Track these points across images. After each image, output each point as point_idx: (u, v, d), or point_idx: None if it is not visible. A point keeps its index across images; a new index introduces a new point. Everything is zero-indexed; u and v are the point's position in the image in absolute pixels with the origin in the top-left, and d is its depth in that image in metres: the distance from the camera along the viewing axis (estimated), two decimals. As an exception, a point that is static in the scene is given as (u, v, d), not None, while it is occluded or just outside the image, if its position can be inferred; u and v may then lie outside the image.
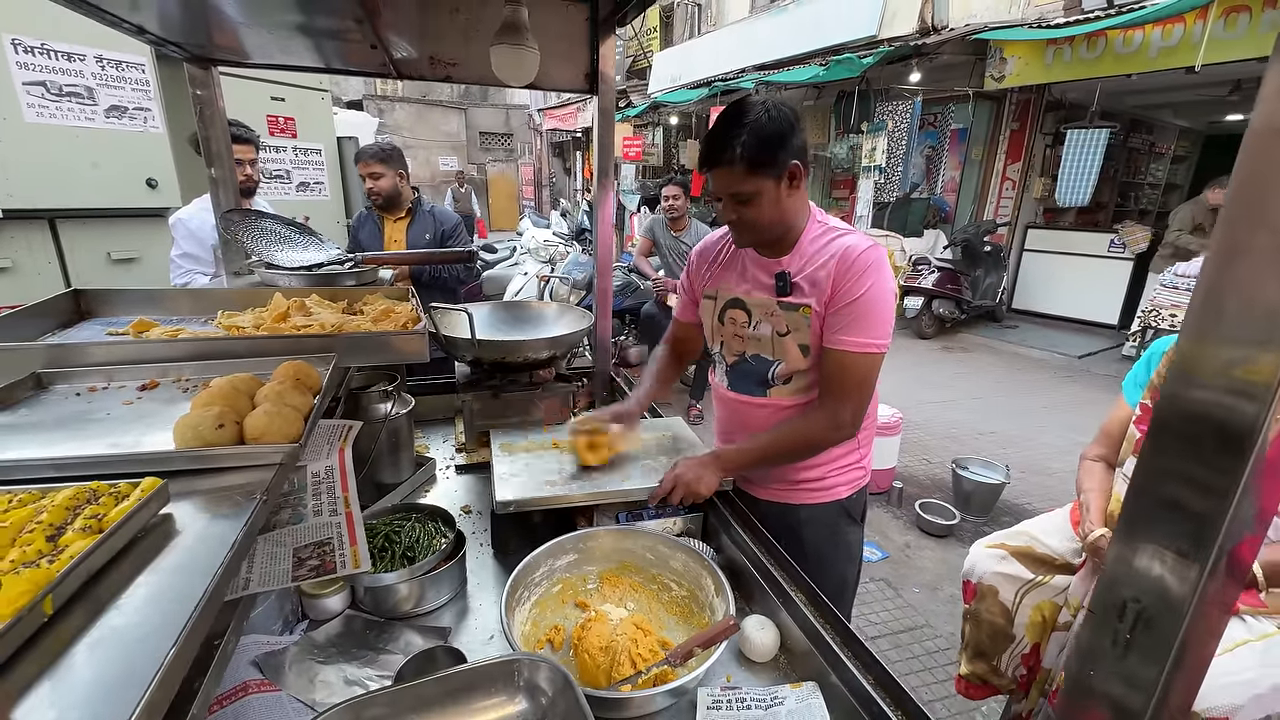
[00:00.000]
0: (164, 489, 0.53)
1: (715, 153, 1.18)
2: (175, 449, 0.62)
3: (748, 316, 1.33)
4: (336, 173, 4.67)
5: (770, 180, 1.17)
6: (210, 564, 0.46)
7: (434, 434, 1.96)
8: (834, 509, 1.42)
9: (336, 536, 0.82)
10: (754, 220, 1.21)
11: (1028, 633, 1.46)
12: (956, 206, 7.89)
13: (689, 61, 9.68)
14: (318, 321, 1.01)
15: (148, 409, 0.76)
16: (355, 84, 16.87)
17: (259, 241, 1.59)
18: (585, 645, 1.02)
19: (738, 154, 1.14)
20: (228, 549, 0.48)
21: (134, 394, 0.80)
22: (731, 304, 1.36)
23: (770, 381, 1.33)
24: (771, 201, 1.19)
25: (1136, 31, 5.30)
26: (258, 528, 0.54)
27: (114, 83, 2.85)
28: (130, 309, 1.21)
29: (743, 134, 1.14)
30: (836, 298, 1.20)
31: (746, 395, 1.38)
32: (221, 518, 0.53)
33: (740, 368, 1.38)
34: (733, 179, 1.17)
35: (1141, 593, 0.46)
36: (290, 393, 0.72)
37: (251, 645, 0.99)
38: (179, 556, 0.48)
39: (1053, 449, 4.14)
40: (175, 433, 0.64)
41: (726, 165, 1.16)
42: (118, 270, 3.12)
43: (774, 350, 1.30)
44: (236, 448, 0.63)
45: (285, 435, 0.66)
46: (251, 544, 0.53)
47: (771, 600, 1.16)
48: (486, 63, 1.74)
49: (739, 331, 1.35)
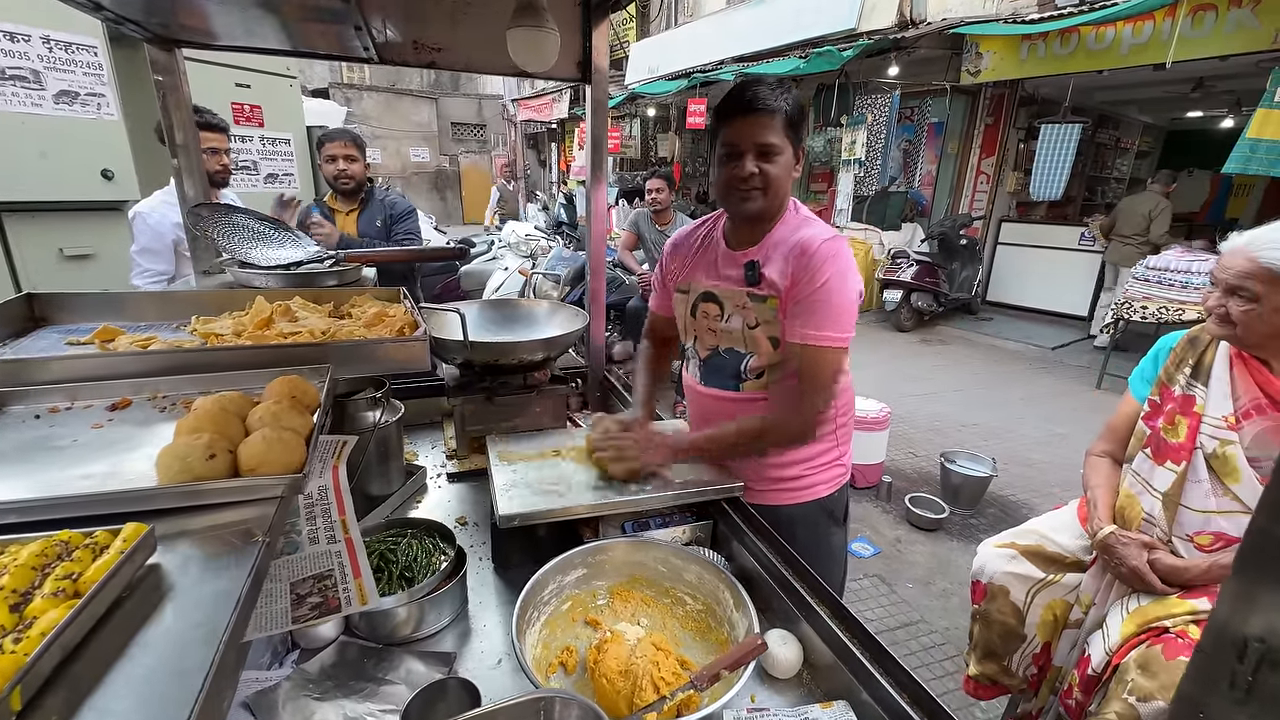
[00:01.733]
0: (150, 536, 0.45)
1: (758, 99, 1.14)
2: (160, 485, 0.54)
3: (720, 309, 1.31)
4: (307, 163, 4.47)
5: (791, 147, 1.18)
6: (212, 628, 0.39)
7: (421, 439, 1.87)
8: (815, 509, 1.41)
9: (338, 568, 0.74)
10: (773, 178, 1.18)
11: (1039, 632, 1.45)
12: (933, 200, 7.99)
13: (666, 53, 9.57)
14: (306, 328, 0.93)
15: (120, 433, 0.67)
16: (321, 71, 16.29)
17: (231, 238, 1.48)
18: (603, 669, 0.96)
19: (780, 106, 1.14)
20: (232, 608, 0.41)
21: (103, 415, 0.70)
22: (704, 297, 1.35)
23: (743, 375, 1.32)
24: (786, 168, 1.19)
25: (1108, 28, 5.41)
26: (264, 576, 0.47)
27: (63, 65, 2.65)
28: (91, 314, 1.10)
29: (785, 93, 1.15)
30: (795, 289, 1.18)
31: (720, 390, 1.37)
32: (219, 567, 0.46)
33: (713, 362, 1.36)
34: (770, 129, 1.14)
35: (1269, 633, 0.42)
36: (287, 413, 0.64)
37: (242, 684, 0.91)
38: (173, 620, 0.41)
39: (1032, 440, 4.22)
40: (159, 465, 0.55)
41: (769, 112, 1.13)
42: (71, 268, 2.93)
43: (746, 343, 1.29)
44: (232, 481, 0.55)
45: (286, 464, 0.58)
46: (257, 597, 0.46)
47: (791, 612, 1.12)
48: (475, 47, 1.66)
49: (712, 325, 1.34)
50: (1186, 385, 1.32)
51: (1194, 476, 1.27)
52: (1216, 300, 1.24)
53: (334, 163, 2.57)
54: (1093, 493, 1.48)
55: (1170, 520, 1.29)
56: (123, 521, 0.47)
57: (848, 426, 1.43)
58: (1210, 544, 1.24)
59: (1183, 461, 1.28)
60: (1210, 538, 1.24)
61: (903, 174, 7.87)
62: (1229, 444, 1.22)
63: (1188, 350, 1.35)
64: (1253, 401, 1.23)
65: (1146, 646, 1.18)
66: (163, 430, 0.63)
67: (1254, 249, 1.18)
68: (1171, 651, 1.13)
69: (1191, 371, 1.32)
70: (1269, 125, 4.53)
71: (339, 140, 2.58)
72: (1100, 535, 1.35)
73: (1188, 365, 1.33)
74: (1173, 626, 1.17)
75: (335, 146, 2.57)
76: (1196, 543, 1.25)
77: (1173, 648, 1.13)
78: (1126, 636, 1.21)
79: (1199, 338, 1.35)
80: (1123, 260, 6.29)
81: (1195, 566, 1.23)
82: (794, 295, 1.18)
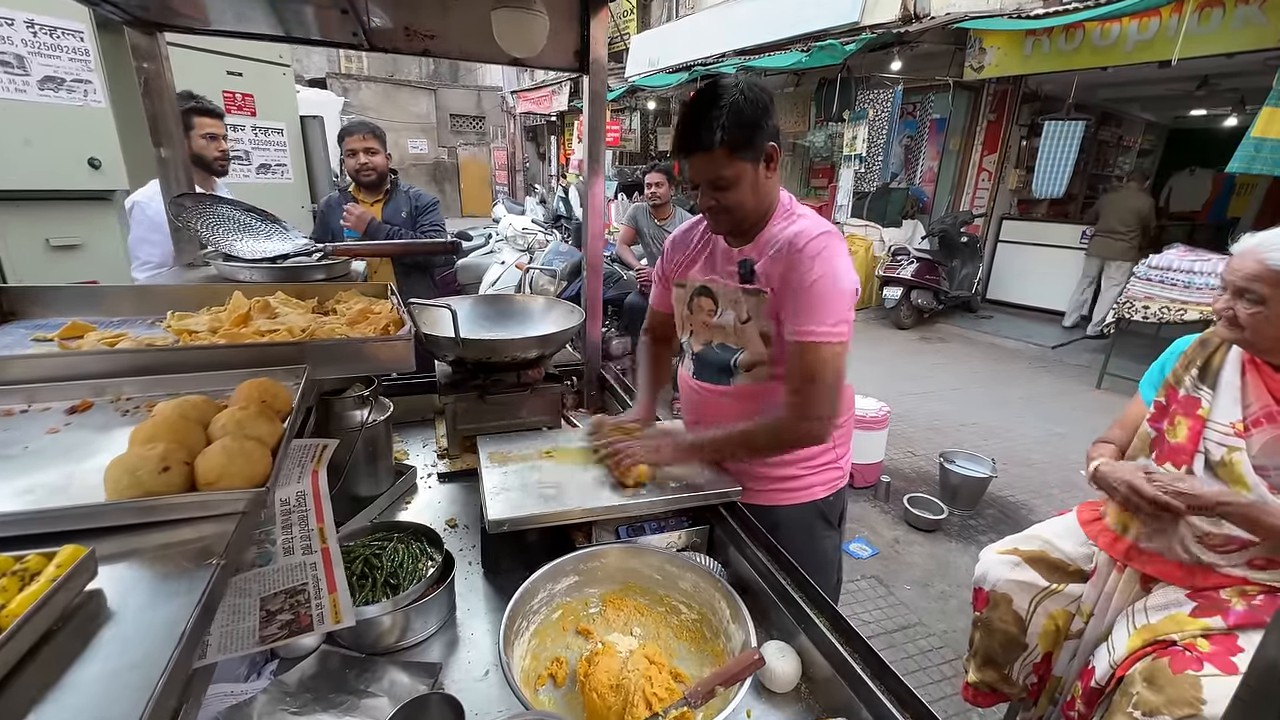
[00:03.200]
0: (90, 559, 0.41)
1: (693, 137, 1.11)
2: (106, 501, 0.50)
3: (714, 304, 1.32)
4: (300, 154, 4.40)
5: (749, 164, 1.13)
6: (149, 669, 0.35)
7: (412, 438, 1.83)
8: (810, 511, 1.39)
9: (312, 582, 0.70)
10: (733, 206, 1.17)
11: (1040, 641, 1.42)
12: (934, 197, 7.93)
13: (667, 45, 9.48)
14: (285, 326, 0.88)
15: (76, 439, 0.63)
16: (318, 61, 16.14)
17: (215, 229, 1.43)
18: (593, 683, 0.93)
19: (718, 138, 1.08)
20: (174, 643, 0.37)
21: (61, 418, 0.66)
22: (699, 291, 1.35)
23: (733, 370, 1.31)
24: (751, 186, 1.15)
25: (1114, 24, 5.35)
26: (216, 603, 0.43)
27: (48, 51, 2.59)
28: (65, 309, 1.05)
29: (721, 116, 1.08)
30: (788, 286, 1.16)
31: (711, 384, 1.37)
32: (167, 593, 0.42)
33: (706, 355, 1.37)
34: (713, 164, 1.12)
35: (1319, 681, 0.38)
36: (254, 420, 0.59)
37: (213, 697, 0.87)
38: (107, 657, 0.36)
39: (1031, 440, 4.19)
40: (107, 479, 0.51)
41: (706, 150, 1.10)
42: (59, 258, 2.87)
43: (737, 338, 1.29)
44: (185, 497, 0.51)
45: (248, 477, 0.54)
46: (206, 629, 0.42)
47: (789, 622, 1.08)
48: (468, 35, 1.60)
49: (706, 319, 1.34)
50: (1192, 387, 1.28)
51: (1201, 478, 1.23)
52: (1225, 303, 1.20)
53: (355, 156, 2.58)
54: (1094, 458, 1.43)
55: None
56: (64, 541, 0.43)
57: (846, 428, 1.41)
58: (1223, 544, 1.21)
59: (1183, 465, 1.24)
60: (1221, 538, 1.21)
61: (904, 170, 7.82)
62: (1235, 451, 1.18)
63: (1197, 352, 1.32)
64: (1264, 409, 1.20)
65: (1153, 659, 1.15)
66: (122, 436, 0.59)
67: (1263, 250, 1.14)
68: (1179, 665, 1.10)
69: (1199, 373, 1.28)
70: (1274, 124, 4.48)
71: (358, 133, 2.59)
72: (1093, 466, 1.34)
73: (1195, 367, 1.29)
74: (1181, 640, 1.14)
75: (355, 140, 2.58)
76: (1207, 543, 1.22)
77: (1180, 661, 1.10)
78: (1133, 650, 1.18)
79: (1209, 340, 1.31)
80: (1106, 255, 6.33)
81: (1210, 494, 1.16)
82: (786, 291, 1.16)
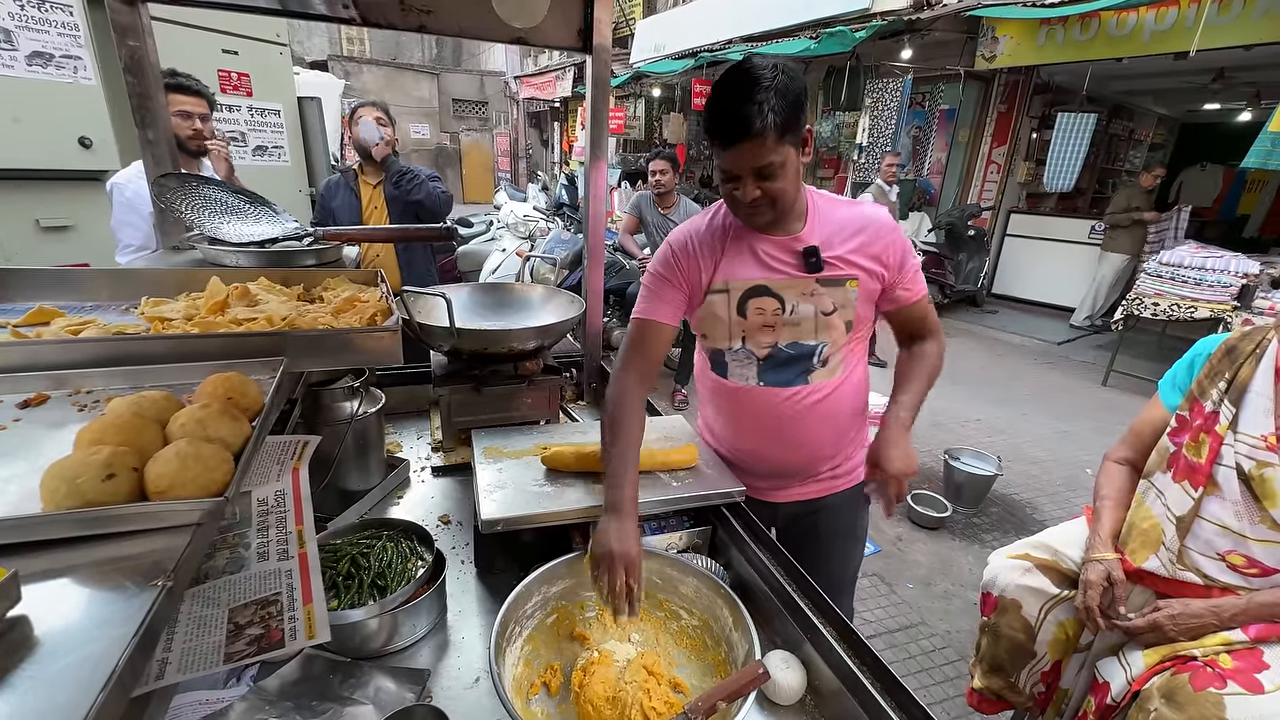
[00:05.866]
0: (11, 583, 0.36)
1: (739, 123, 1.02)
2: (39, 512, 0.44)
3: (779, 302, 1.21)
4: (298, 136, 4.32)
5: (794, 148, 1.07)
6: (75, 711, 0.30)
7: (406, 429, 1.78)
8: (854, 493, 1.40)
9: (286, 591, 0.65)
10: (778, 194, 1.10)
11: (1050, 650, 1.37)
12: (942, 189, 7.82)
13: (673, 31, 9.32)
14: (265, 314, 0.82)
15: (23, 437, 0.57)
16: (319, 43, 15.96)
17: (200, 212, 1.37)
18: (588, 694, 0.88)
19: (769, 122, 1.00)
20: (101, 683, 0.31)
21: (10, 413, 0.61)
22: (753, 293, 1.21)
23: (814, 367, 1.25)
24: (793, 171, 1.10)
25: (1130, 14, 5.22)
26: (157, 634, 0.38)
27: (36, 25, 2.51)
28: (36, 292, 0.99)
29: (770, 99, 1.00)
30: (889, 259, 1.21)
31: (783, 388, 1.26)
32: (101, 620, 0.37)
33: (777, 359, 1.25)
34: (763, 152, 1.03)
35: None
36: (216, 420, 0.54)
37: (186, 705, 0.83)
38: (28, 695, 0.31)
39: (1036, 437, 4.14)
40: (43, 487, 0.45)
41: (756, 137, 1.01)
42: (49, 239, 2.82)
43: (816, 332, 1.22)
44: (131, 507, 0.45)
45: (204, 485, 0.48)
46: (144, 664, 0.37)
47: (793, 630, 1.04)
48: (466, 9, 1.53)
49: (769, 321, 1.22)
50: (1217, 402, 1.22)
51: (1222, 495, 1.18)
52: None
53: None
54: (1100, 504, 1.40)
55: (1183, 538, 1.21)
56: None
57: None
58: (1243, 565, 1.16)
59: (1200, 485, 1.19)
60: (1243, 559, 1.15)
61: (912, 162, 7.70)
62: (1267, 466, 1.12)
63: (1224, 362, 1.25)
64: None
65: (1172, 674, 1.10)
66: (74, 435, 0.54)
67: None
68: (1201, 682, 1.05)
69: (1226, 387, 1.22)
70: (1293, 119, 4.38)
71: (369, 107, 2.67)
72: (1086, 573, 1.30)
73: (1222, 380, 1.23)
74: (1202, 655, 1.09)
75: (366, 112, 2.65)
76: (1229, 562, 1.17)
77: (1202, 677, 1.05)
78: (1150, 664, 1.14)
79: (1237, 348, 1.25)
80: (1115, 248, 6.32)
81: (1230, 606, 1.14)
82: (894, 268, 1.22)
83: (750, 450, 1.36)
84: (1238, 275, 4.34)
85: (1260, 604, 1.12)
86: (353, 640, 0.98)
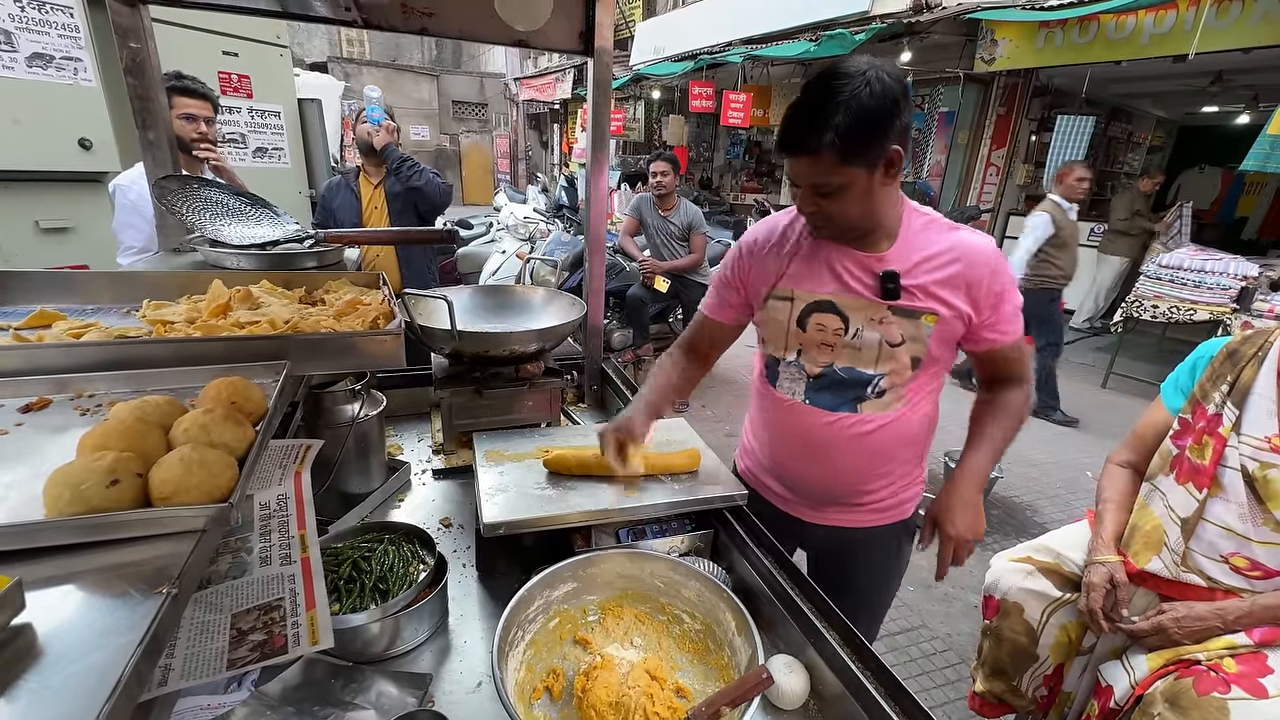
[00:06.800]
0: (15, 590, 0.36)
1: (800, 136, 0.96)
2: (43, 519, 0.44)
3: (843, 322, 1.12)
4: (298, 138, 4.31)
5: (863, 170, 0.97)
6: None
7: (407, 432, 1.78)
8: (898, 528, 1.32)
9: (289, 596, 0.65)
10: (836, 215, 1.03)
11: (1052, 653, 1.37)
12: (941, 191, 7.83)
13: (673, 33, 9.33)
14: (267, 317, 0.82)
15: (25, 442, 0.57)
16: (319, 45, 15.97)
17: (201, 214, 1.37)
18: (591, 699, 0.88)
19: (827, 140, 0.93)
20: (107, 693, 0.31)
21: (12, 418, 0.61)
22: (818, 306, 1.14)
23: (866, 397, 1.15)
24: (861, 193, 0.99)
25: (1129, 17, 5.23)
26: (162, 642, 0.38)
27: (36, 26, 2.51)
28: (37, 295, 0.99)
29: (837, 114, 0.92)
30: (993, 302, 1.10)
31: (830, 411, 1.18)
32: (106, 628, 0.36)
33: (828, 380, 1.17)
34: (818, 169, 0.97)
35: None
36: (220, 425, 0.54)
37: (187, 710, 0.82)
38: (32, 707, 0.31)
39: (1034, 438, 4.14)
40: (46, 493, 0.45)
41: (812, 153, 0.96)
42: (49, 241, 2.81)
43: (877, 362, 1.12)
44: (135, 514, 0.45)
45: (209, 491, 0.48)
46: (151, 670, 0.36)
47: (796, 635, 1.03)
48: (468, 12, 1.53)
49: (828, 339, 1.14)
50: (1220, 404, 1.22)
51: (1226, 497, 1.18)
52: None
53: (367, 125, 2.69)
54: (1102, 507, 1.40)
55: (1186, 541, 1.21)
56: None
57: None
58: (1246, 568, 1.16)
59: (1205, 487, 1.19)
60: (1246, 562, 1.15)
61: (911, 164, 7.71)
62: (1271, 467, 1.12)
63: (1226, 365, 1.25)
64: None
65: (1175, 678, 1.10)
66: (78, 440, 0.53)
67: None
68: (1204, 686, 1.05)
69: (1228, 390, 1.22)
70: (1292, 122, 4.39)
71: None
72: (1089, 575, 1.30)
73: (1225, 383, 1.23)
74: (1206, 660, 1.09)
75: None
76: (1232, 564, 1.17)
77: (1206, 682, 1.05)
78: (1154, 668, 1.13)
79: (1239, 351, 1.25)
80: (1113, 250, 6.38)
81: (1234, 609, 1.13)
82: (992, 305, 1.10)
83: (782, 465, 1.32)
84: (1237, 278, 4.35)
85: (1264, 607, 1.12)
86: (354, 644, 0.97)
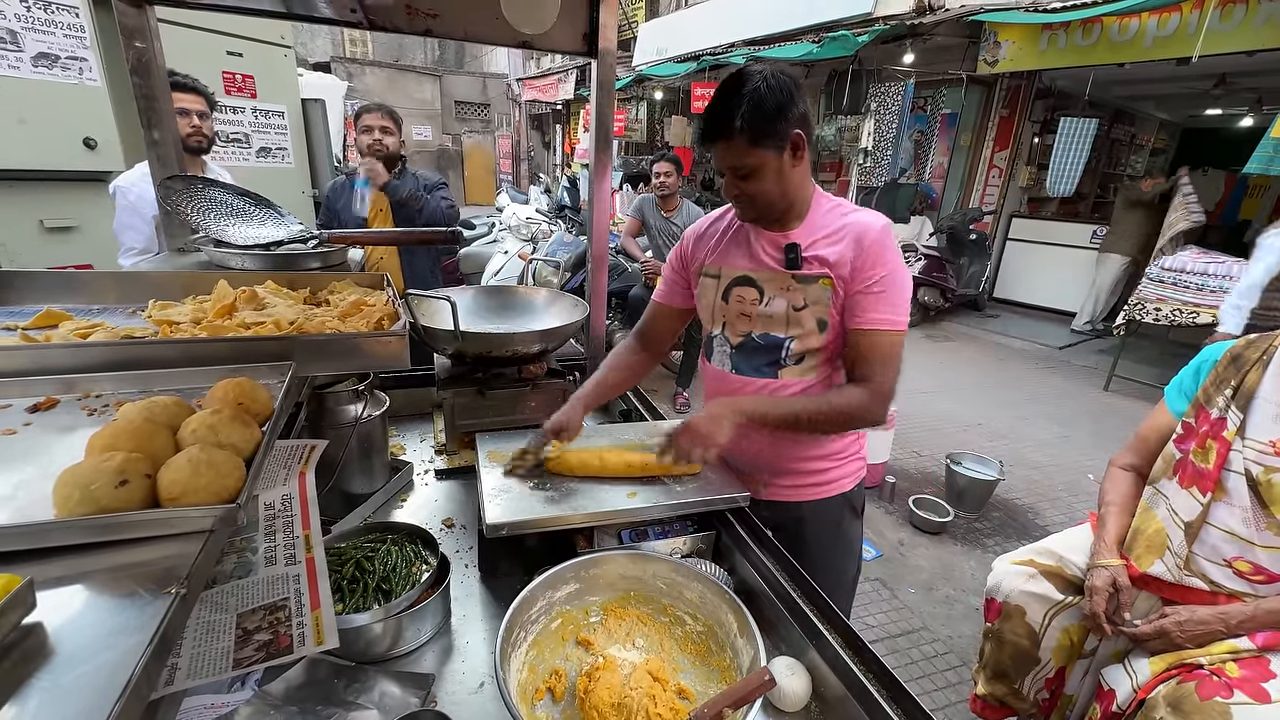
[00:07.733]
0: (26, 590, 0.36)
1: (714, 126, 1.13)
2: (53, 519, 0.44)
3: (758, 293, 1.26)
4: (301, 138, 4.32)
5: (772, 153, 1.13)
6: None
7: (410, 431, 1.78)
8: (838, 503, 1.39)
9: (294, 596, 0.65)
10: (756, 194, 1.17)
11: (1054, 656, 1.37)
12: (943, 193, 7.83)
13: (675, 34, 9.34)
14: (272, 318, 0.83)
15: (33, 441, 0.57)
16: (322, 45, 15.99)
17: (205, 214, 1.37)
18: (593, 701, 0.88)
19: (737, 127, 1.09)
20: (118, 692, 0.31)
21: (20, 417, 0.61)
22: (738, 281, 1.29)
23: (783, 361, 1.27)
24: (774, 174, 1.15)
25: (1132, 19, 5.23)
26: (171, 642, 0.38)
27: (42, 26, 2.52)
28: (42, 294, 0.99)
29: (742, 105, 1.09)
30: (859, 279, 1.17)
31: (754, 378, 1.30)
32: (115, 628, 0.37)
33: (747, 347, 1.30)
34: (734, 153, 1.13)
35: None
36: (228, 425, 0.54)
37: (190, 710, 0.82)
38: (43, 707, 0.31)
39: (1037, 441, 4.14)
40: (56, 493, 0.46)
41: (726, 139, 1.12)
42: (54, 240, 2.82)
43: (787, 326, 1.25)
44: (144, 514, 0.46)
45: (217, 492, 0.48)
46: (160, 669, 0.37)
47: (798, 637, 1.04)
48: (473, 13, 1.53)
49: (746, 310, 1.28)
50: (1224, 408, 1.22)
51: (1230, 501, 1.18)
52: None
53: (370, 133, 2.61)
54: (1105, 510, 1.40)
55: (1189, 545, 1.21)
56: (2, 563, 0.38)
57: None
58: (1250, 572, 1.15)
59: (1209, 491, 1.19)
60: (1249, 566, 1.15)
61: (913, 166, 7.71)
62: (1275, 471, 1.12)
63: (1229, 370, 1.25)
64: None
65: (1178, 682, 1.10)
66: (86, 440, 0.54)
67: None
68: (1207, 691, 1.05)
69: (1232, 394, 1.22)
70: (1295, 125, 4.39)
71: (375, 112, 2.64)
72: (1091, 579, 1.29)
73: (1229, 387, 1.23)
74: (1208, 664, 1.09)
75: (372, 118, 2.62)
76: (1235, 569, 1.17)
77: (1208, 686, 1.05)
78: (1156, 672, 1.13)
79: (1243, 355, 1.25)
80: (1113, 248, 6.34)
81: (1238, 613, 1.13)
82: (857, 284, 1.17)
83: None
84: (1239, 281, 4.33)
85: (1268, 611, 1.12)
86: (357, 644, 0.97)
